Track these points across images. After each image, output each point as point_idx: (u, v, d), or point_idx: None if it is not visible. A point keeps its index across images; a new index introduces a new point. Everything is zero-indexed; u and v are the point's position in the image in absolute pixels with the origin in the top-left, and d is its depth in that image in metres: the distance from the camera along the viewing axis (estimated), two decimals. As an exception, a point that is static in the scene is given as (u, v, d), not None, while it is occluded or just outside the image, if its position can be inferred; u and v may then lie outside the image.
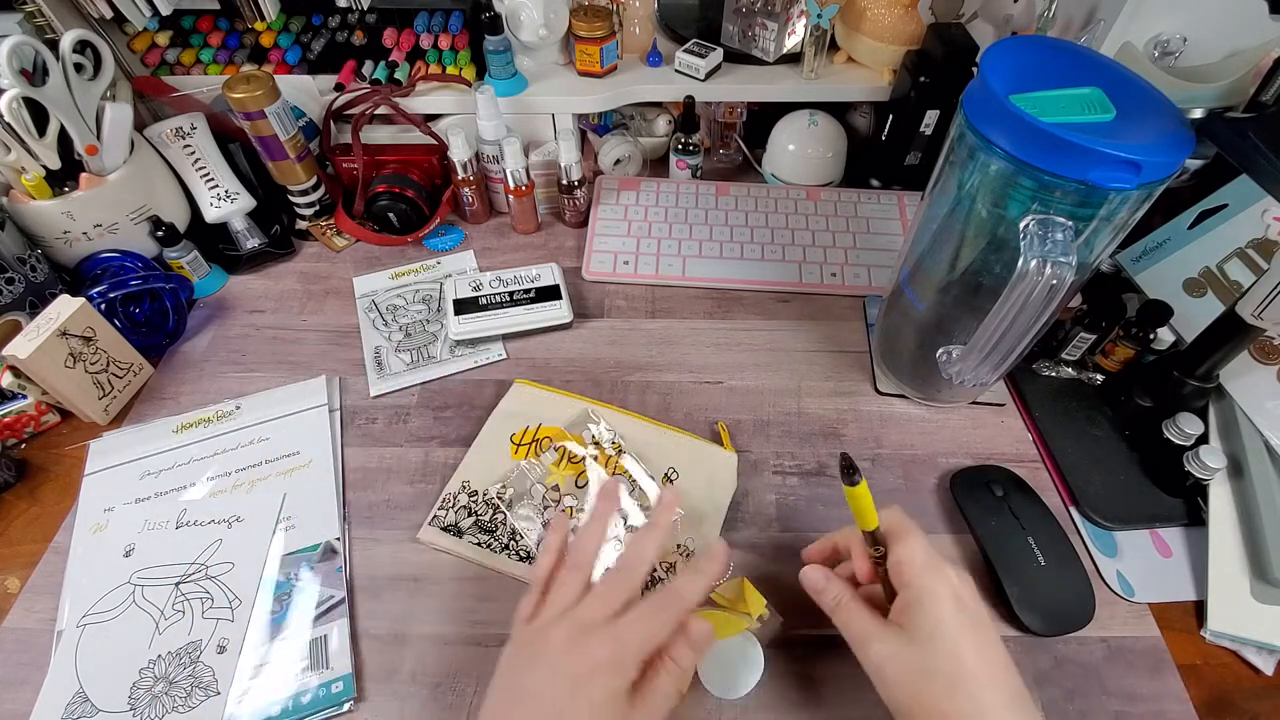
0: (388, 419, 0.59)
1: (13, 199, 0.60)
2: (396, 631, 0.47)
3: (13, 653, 0.46)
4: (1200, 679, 0.45)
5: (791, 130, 0.77)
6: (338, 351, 0.64)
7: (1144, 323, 0.56)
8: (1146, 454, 0.55)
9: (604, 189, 0.77)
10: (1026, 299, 0.41)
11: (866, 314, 0.67)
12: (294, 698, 0.44)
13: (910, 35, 0.70)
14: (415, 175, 0.73)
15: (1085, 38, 0.63)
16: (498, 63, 0.71)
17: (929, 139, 0.73)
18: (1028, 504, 0.51)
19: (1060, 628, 0.47)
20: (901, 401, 0.60)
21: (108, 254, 0.64)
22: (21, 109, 0.56)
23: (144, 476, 0.54)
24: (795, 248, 0.72)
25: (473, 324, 0.63)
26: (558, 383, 0.61)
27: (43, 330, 0.53)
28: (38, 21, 0.61)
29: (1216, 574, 0.48)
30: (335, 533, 0.51)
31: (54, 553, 0.51)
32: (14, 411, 0.56)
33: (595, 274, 0.70)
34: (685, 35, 0.77)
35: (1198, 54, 0.61)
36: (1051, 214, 0.40)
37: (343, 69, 0.72)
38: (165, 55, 0.72)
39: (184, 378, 0.62)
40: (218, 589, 0.48)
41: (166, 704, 0.43)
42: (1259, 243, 0.57)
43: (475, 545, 0.50)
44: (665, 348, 0.64)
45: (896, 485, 0.55)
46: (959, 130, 0.44)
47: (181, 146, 0.68)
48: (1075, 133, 0.37)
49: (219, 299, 0.69)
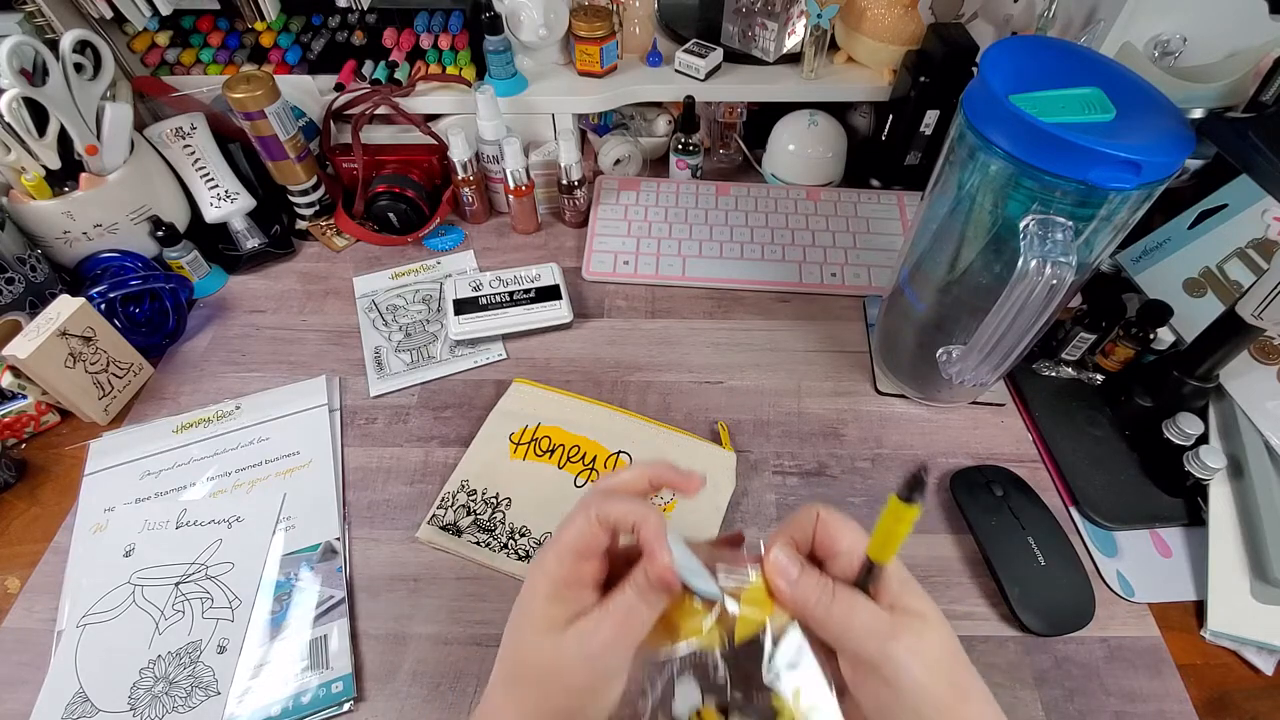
0: (387, 419, 0.59)
1: (13, 199, 0.60)
2: (396, 631, 0.47)
3: (13, 653, 0.46)
4: (1200, 679, 0.45)
5: (791, 130, 0.77)
6: (338, 351, 0.64)
7: (1144, 323, 0.56)
8: (1146, 454, 0.55)
9: (604, 189, 0.77)
10: (1026, 299, 0.41)
11: (866, 314, 0.67)
12: (294, 698, 0.44)
13: (910, 35, 0.70)
14: (415, 175, 0.73)
15: (1085, 38, 0.63)
16: (498, 63, 0.71)
17: (929, 139, 0.73)
18: (1028, 504, 0.51)
19: (1060, 628, 0.47)
20: (901, 401, 0.60)
21: (108, 254, 0.64)
22: (21, 109, 0.56)
23: (144, 476, 0.54)
24: (795, 248, 0.72)
25: (473, 324, 0.63)
26: (558, 383, 0.61)
27: (43, 330, 0.53)
28: (38, 21, 0.61)
29: (1216, 574, 0.48)
30: (335, 533, 0.51)
31: (54, 553, 0.51)
32: (14, 411, 0.56)
33: (595, 274, 0.70)
34: (685, 35, 0.77)
35: (1198, 54, 0.61)
36: (1051, 214, 0.40)
37: (343, 69, 0.72)
38: (165, 55, 0.72)
39: (184, 378, 0.62)
40: (218, 589, 0.48)
41: (166, 704, 0.43)
42: (1259, 243, 0.57)
43: (474, 544, 0.50)
44: (665, 348, 0.64)
45: (897, 485, 0.55)
46: (959, 130, 0.44)
47: (181, 146, 0.68)
48: (1075, 133, 0.37)
49: (219, 299, 0.69)
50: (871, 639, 0.29)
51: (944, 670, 0.30)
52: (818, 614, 0.30)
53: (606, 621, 0.31)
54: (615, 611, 0.31)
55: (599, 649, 0.31)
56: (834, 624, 0.30)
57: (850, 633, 0.30)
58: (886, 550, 0.30)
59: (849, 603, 0.30)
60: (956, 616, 0.48)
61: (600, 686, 0.31)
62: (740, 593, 0.31)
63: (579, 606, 0.31)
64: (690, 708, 0.32)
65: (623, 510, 0.32)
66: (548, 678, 0.31)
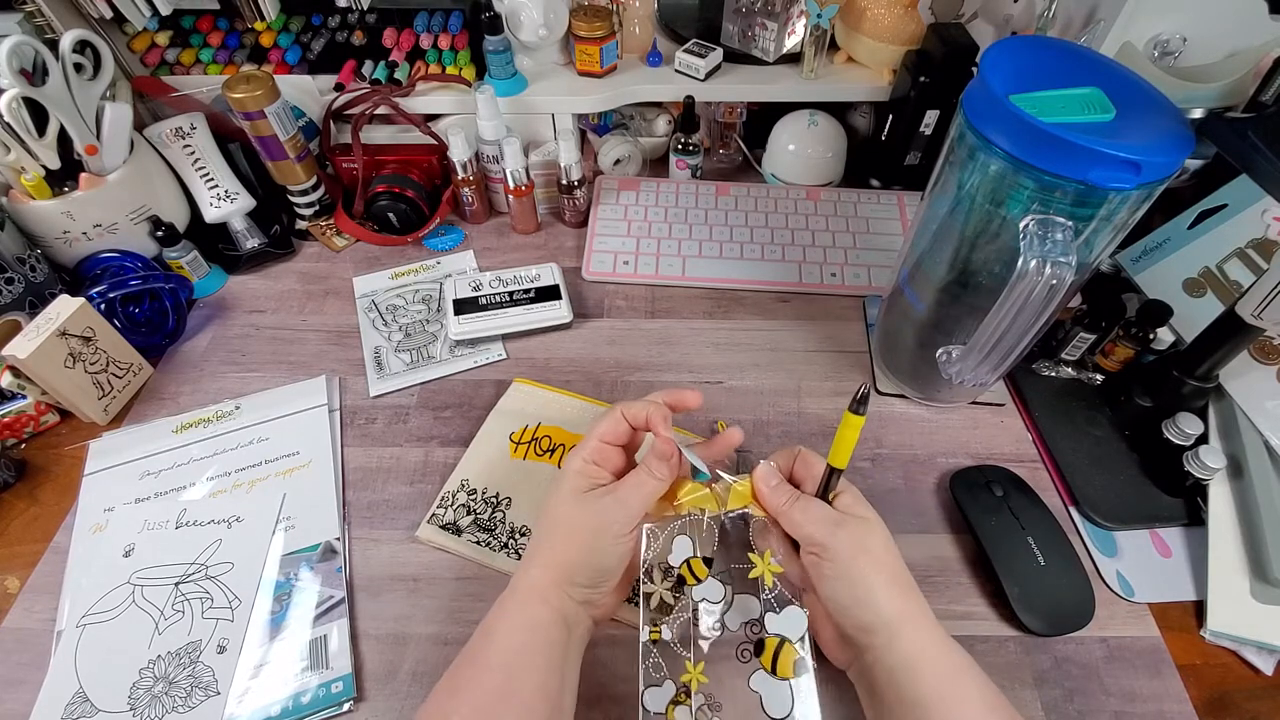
0: (387, 419, 0.59)
1: (13, 199, 0.60)
2: (396, 631, 0.47)
3: (12, 653, 0.46)
4: (1200, 679, 0.45)
5: (791, 130, 0.77)
6: (337, 351, 0.64)
7: (1144, 323, 0.56)
8: (1146, 454, 0.55)
9: (604, 189, 0.77)
10: (1026, 299, 0.41)
11: (866, 314, 0.67)
12: (294, 698, 0.44)
13: (910, 35, 0.70)
14: (415, 175, 0.73)
15: (1085, 38, 0.63)
16: (498, 63, 0.71)
17: (929, 139, 0.73)
18: (1028, 504, 0.51)
19: (1060, 628, 0.47)
20: (901, 401, 0.60)
21: (107, 254, 0.64)
22: (21, 109, 0.56)
23: (144, 476, 0.54)
24: (795, 248, 0.72)
25: (472, 324, 0.63)
26: (558, 383, 0.61)
27: (42, 330, 0.53)
28: (38, 21, 0.61)
29: (1216, 574, 0.48)
30: (335, 533, 0.51)
31: (54, 553, 0.51)
32: (14, 411, 0.56)
33: (595, 274, 0.70)
34: (685, 35, 0.77)
35: (1198, 54, 0.61)
36: (1051, 214, 0.40)
37: (343, 69, 0.72)
38: (165, 55, 0.72)
39: (184, 378, 0.62)
40: (217, 589, 0.48)
41: (166, 704, 0.43)
42: (1259, 243, 0.57)
43: (474, 544, 0.50)
44: (665, 348, 0.64)
45: (896, 485, 0.55)
46: (959, 130, 0.44)
47: (181, 146, 0.68)
48: (1075, 133, 0.37)
49: (219, 299, 0.69)
50: (823, 526, 0.39)
51: (877, 556, 0.39)
52: (785, 509, 0.41)
53: (620, 487, 0.40)
54: (627, 480, 0.41)
55: (609, 505, 0.40)
56: (797, 516, 0.40)
57: (808, 524, 0.39)
58: (841, 456, 0.39)
59: (809, 503, 0.40)
60: (956, 616, 0.48)
61: (605, 536, 0.39)
62: (731, 487, 0.43)
63: (600, 482, 0.41)
64: (683, 558, 0.41)
65: (639, 406, 0.43)
66: (566, 531, 0.40)
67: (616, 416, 0.43)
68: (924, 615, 0.39)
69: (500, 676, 0.36)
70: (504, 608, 0.39)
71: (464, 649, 0.39)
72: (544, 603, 0.39)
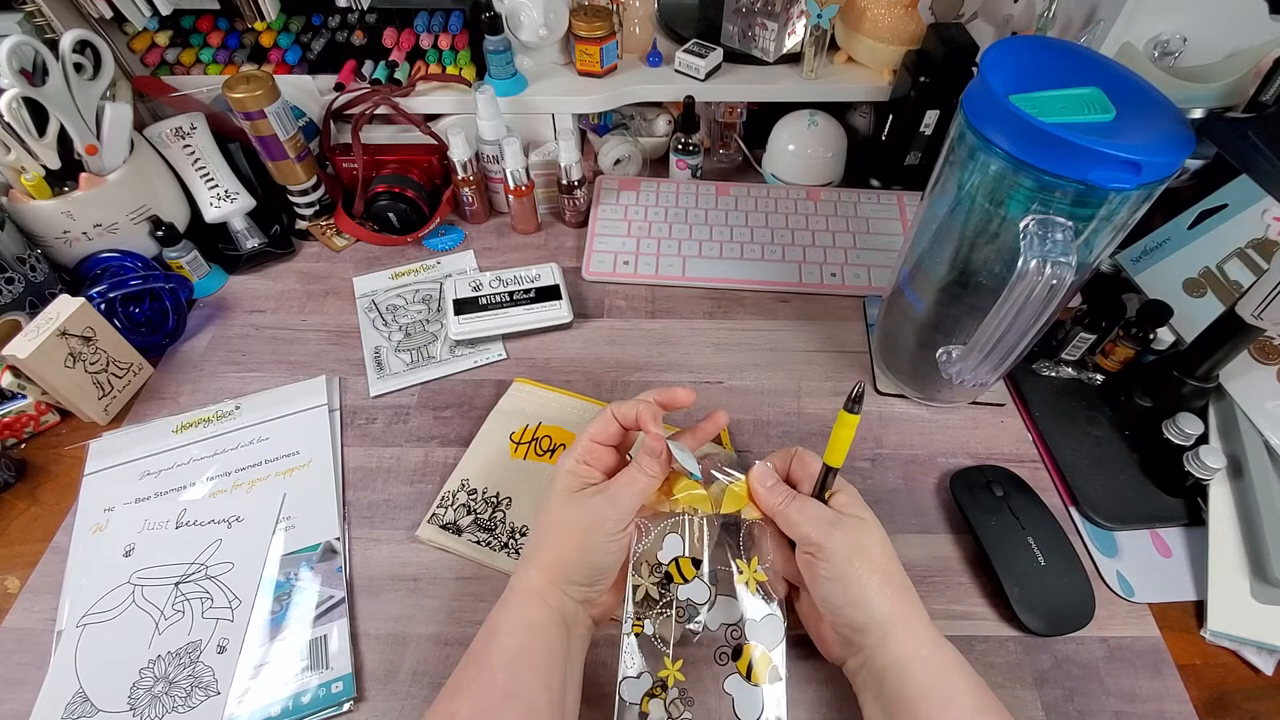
0: (387, 419, 0.59)
1: (13, 199, 0.60)
2: (396, 631, 0.47)
3: (13, 653, 0.46)
4: (1200, 679, 0.45)
5: (791, 130, 0.77)
6: (337, 351, 0.64)
7: (1144, 323, 0.56)
8: (1146, 454, 0.55)
9: (604, 189, 0.77)
10: (1026, 299, 0.41)
11: (866, 314, 0.67)
12: (294, 698, 0.44)
13: (910, 35, 0.70)
14: (415, 175, 0.73)
15: (1085, 38, 0.63)
16: (498, 63, 0.71)
17: (929, 139, 0.73)
18: (1028, 504, 0.51)
19: (1060, 628, 0.47)
20: (901, 401, 0.60)
21: (107, 254, 0.64)
22: (21, 109, 0.56)
23: (144, 476, 0.54)
24: (795, 248, 0.72)
25: (473, 324, 0.63)
26: (558, 382, 0.61)
27: (43, 330, 0.53)
28: (38, 21, 0.61)
29: (1216, 574, 0.48)
30: (335, 533, 0.51)
31: (54, 553, 0.51)
32: (14, 411, 0.56)
33: (595, 274, 0.70)
34: (685, 35, 0.77)
35: (1198, 54, 0.61)
36: (1051, 214, 0.40)
37: (343, 69, 0.72)
38: (165, 55, 0.72)
39: (184, 378, 0.62)
40: (217, 589, 0.48)
41: (166, 704, 0.43)
42: (1259, 243, 0.57)
43: (475, 544, 0.50)
44: (665, 348, 0.64)
45: (896, 485, 0.55)
46: (959, 130, 0.44)
47: (181, 146, 0.68)
48: (1075, 133, 0.37)
49: (219, 299, 0.69)
50: (819, 526, 0.39)
51: (873, 557, 0.39)
52: (781, 509, 0.41)
53: (611, 485, 0.41)
54: (618, 478, 0.41)
55: (600, 503, 0.40)
56: (793, 515, 0.40)
57: (804, 524, 0.39)
58: (836, 456, 0.39)
59: (805, 502, 0.41)
60: (956, 616, 0.48)
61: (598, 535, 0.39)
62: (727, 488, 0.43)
63: (591, 481, 0.41)
64: (672, 556, 0.42)
65: (630, 405, 0.43)
66: (560, 531, 0.41)
67: (607, 416, 0.43)
68: (917, 616, 0.39)
69: (503, 677, 0.36)
70: (504, 608, 0.40)
71: (469, 649, 0.39)
72: (542, 603, 0.39)
